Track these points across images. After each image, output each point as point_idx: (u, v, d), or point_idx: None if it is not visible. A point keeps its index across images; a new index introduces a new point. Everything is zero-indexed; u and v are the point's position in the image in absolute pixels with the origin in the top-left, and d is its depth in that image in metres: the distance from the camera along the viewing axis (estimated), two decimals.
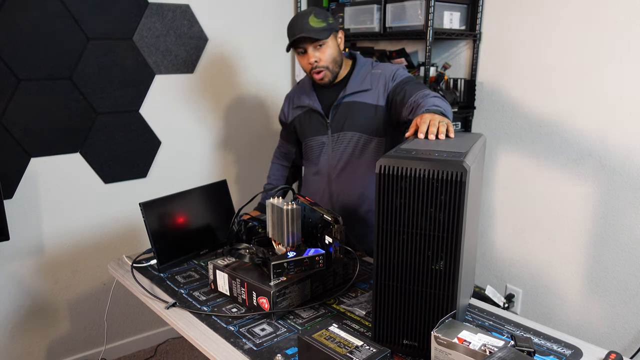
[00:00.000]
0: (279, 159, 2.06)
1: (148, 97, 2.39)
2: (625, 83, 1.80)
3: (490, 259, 2.35)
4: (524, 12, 2.04)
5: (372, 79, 1.70)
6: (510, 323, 1.29)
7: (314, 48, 1.64)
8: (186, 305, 1.36)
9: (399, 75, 1.68)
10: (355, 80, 1.72)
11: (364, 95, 1.70)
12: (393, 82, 1.67)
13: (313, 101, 1.78)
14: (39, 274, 2.26)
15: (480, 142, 1.23)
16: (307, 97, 1.80)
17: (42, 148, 2.16)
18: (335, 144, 1.76)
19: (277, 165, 2.06)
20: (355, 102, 1.70)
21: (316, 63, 1.65)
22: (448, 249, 1.02)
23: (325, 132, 1.77)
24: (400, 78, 1.67)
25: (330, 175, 1.79)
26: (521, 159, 2.15)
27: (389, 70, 1.71)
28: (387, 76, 1.69)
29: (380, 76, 1.70)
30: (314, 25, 1.61)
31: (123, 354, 2.57)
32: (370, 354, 0.95)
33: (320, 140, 1.79)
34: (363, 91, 1.70)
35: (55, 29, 2.09)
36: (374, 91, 1.69)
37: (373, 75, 1.71)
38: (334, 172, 1.78)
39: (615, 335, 1.96)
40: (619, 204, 1.88)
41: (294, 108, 1.86)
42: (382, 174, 1.03)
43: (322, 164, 1.81)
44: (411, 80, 1.66)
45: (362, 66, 1.74)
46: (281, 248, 1.47)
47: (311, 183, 1.88)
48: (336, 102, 1.72)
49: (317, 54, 1.65)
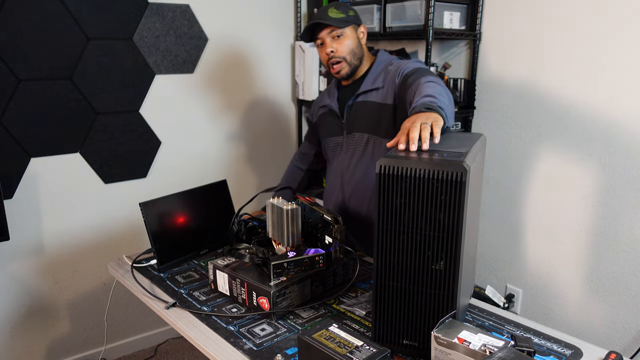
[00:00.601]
0: (297, 161, 2.03)
1: (148, 97, 2.39)
2: (626, 83, 1.80)
3: (490, 259, 2.35)
4: (524, 12, 2.04)
5: (384, 77, 1.64)
6: (510, 323, 1.29)
7: (332, 39, 1.62)
8: (186, 305, 1.36)
9: (406, 68, 1.59)
10: (370, 79, 1.67)
11: (375, 94, 1.65)
12: (399, 77, 1.59)
13: (332, 101, 1.75)
14: (39, 274, 2.26)
15: (480, 142, 1.23)
16: (329, 96, 1.78)
17: (42, 148, 2.16)
18: (347, 145, 1.73)
19: (292, 167, 2.03)
20: (367, 102, 1.66)
21: (332, 53, 1.63)
22: (448, 249, 1.02)
23: (341, 133, 1.74)
24: (406, 71, 1.57)
25: (343, 177, 1.77)
26: (521, 158, 2.15)
27: (398, 65, 1.63)
28: (394, 73, 1.61)
29: (391, 73, 1.63)
30: (332, 16, 1.60)
31: (123, 354, 2.57)
32: (370, 354, 0.95)
33: (336, 141, 1.76)
34: (374, 90, 1.65)
35: (55, 29, 2.09)
36: (384, 89, 1.63)
37: (386, 72, 1.65)
38: (347, 173, 1.75)
39: (615, 335, 1.96)
40: (619, 204, 1.88)
41: (320, 107, 1.84)
42: (382, 174, 1.03)
43: (336, 165, 1.79)
44: (416, 71, 1.55)
45: (380, 64, 1.69)
46: (281, 248, 1.47)
47: (328, 184, 1.86)
48: (350, 101, 1.69)
49: (335, 45, 1.63)
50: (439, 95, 1.27)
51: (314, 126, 1.89)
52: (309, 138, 1.97)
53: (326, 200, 1.88)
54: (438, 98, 1.25)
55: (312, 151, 1.96)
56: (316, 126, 1.87)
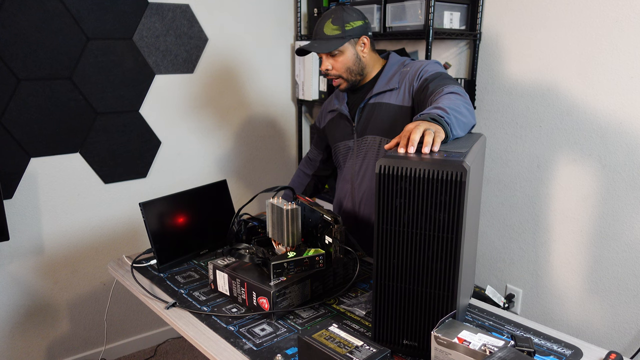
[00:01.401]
0: (304, 166, 2.00)
1: (148, 97, 2.39)
2: (626, 83, 1.80)
3: (490, 259, 2.35)
4: (524, 11, 2.04)
5: (400, 78, 1.57)
6: (510, 323, 1.29)
7: (327, 56, 1.58)
8: (186, 305, 1.36)
9: (427, 71, 1.52)
10: (383, 80, 1.61)
11: (390, 95, 1.58)
12: (418, 80, 1.52)
13: (342, 104, 1.70)
14: (38, 274, 2.26)
15: (480, 142, 1.23)
16: (338, 100, 1.74)
17: (42, 148, 2.16)
18: (358, 148, 1.67)
19: (299, 172, 2.01)
20: (380, 104, 1.59)
21: (328, 71, 1.60)
22: (448, 249, 1.02)
23: (352, 137, 1.69)
24: (427, 75, 1.50)
25: (353, 181, 1.72)
26: (521, 159, 2.15)
27: (416, 66, 1.55)
28: (414, 73, 1.54)
29: (408, 74, 1.56)
30: (327, 33, 1.54)
31: (123, 354, 2.57)
32: (370, 354, 0.95)
33: (347, 144, 1.71)
34: (389, 91, 1.58)
35: (55, 29, 2.09)
36: (400, 91, 1.56)
37: (402, 73, 1.58)
38: (357, 177, 1.70)
39: (615, 335, 1.96)
40: (619, 204, 1.88)
41: (328, 112, 1.80)
42: (382, 174, 1.03)
43: (347, 169, 1.74)
44: (438, 76, 1.47)
45: (392, 65, 1.63)
46: (281, 248, 1.47)
47: (339, 189, 1.81)
48: (362, 104, 1.63)
49: (330, 62, 1.58)
50: (451, 111, 1.20)
51: (321, 132, 1.85)
52: (316, 143, 1.93)
53: (335, 208, 1.85)
54: (449, 113, 1.19)
55: (319, 157, 1.93)
56: (324, 132, 1.83)
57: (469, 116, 1.26)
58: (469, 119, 1.26)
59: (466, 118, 1.24)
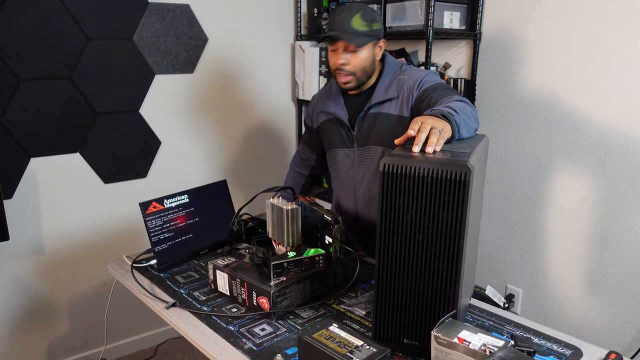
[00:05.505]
0: (297, 166, 1.95)
1: (148, 97, 2.39)
2: (626, 83, 1.80)
3: (490, 259, 2.35)
4: (524, 12, 2.04)
5: (398, 86, 1.55)
6: (510, 323, 1.29)
7: (347, 50, 1.51)
8: (186, 305, 1.36)
9: (426, 81, 1.50)
10: (381, 88, 1.57)
11: (389, 105, 1.55)
12: (418, 90, 1.50)
13: (339, 110, 1.65)
14: (38, 274, 2.26)
15: (483, 143, 1.23)
16: (333, 103, 1.67)
17: (42, 148, 2.16)
18: (360, 159, 1.64)
19: (293, 172, 1.95)
20: (380, 114, 1.56)
21: (343, 66, 1.52)
22: (450, 248, 1.02)
23: (351, 146, 1.65)
24: (427, 85, 1.49)
25: (355, 192, 1.69)
26: (521, 159, 2.15)
27: (415, 76, 1.53)
28: (412, 84, 1.52)
29: (405, 83, 1.54)
30: (355, 27, 1.48)
31: (123, 354, 2.57)
32: (370, 353, 0.95)
33: (346, 153, 1.67)
34: (388, 100, 1.55)
35: (55, 29, 2.09)
36: (399, 100, 1.54)
37: (399, 81, 1.55)
38: (359, 189, 1.68)
39: (615, 335, 1.96)
40: (619, 204, 1.88)
41: (320, 112, 1.73)
42: (386, 173, 1.03)
43: (347, 179, 1.70)
44: (439, 87, 1.47)
45: (389, 71, 1.59)
46: (281, 248, 1.47)
47: (339, 197, 1.78)
48: (362, 113, 1.60)
49: (348, 57, 1.51)
50: (461, 112, 1.22)
51: (314, 131, 1.80)
52: (309, 143, 1.87)
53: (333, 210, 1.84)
54: (459, 114, 1.20)
55: (313, 157, 1.89)
56: (318, 132, 1.78)
57: (474, 121, 1.29)
58: (474, 124, 1.28)
59: (472, 122, 1.27)
